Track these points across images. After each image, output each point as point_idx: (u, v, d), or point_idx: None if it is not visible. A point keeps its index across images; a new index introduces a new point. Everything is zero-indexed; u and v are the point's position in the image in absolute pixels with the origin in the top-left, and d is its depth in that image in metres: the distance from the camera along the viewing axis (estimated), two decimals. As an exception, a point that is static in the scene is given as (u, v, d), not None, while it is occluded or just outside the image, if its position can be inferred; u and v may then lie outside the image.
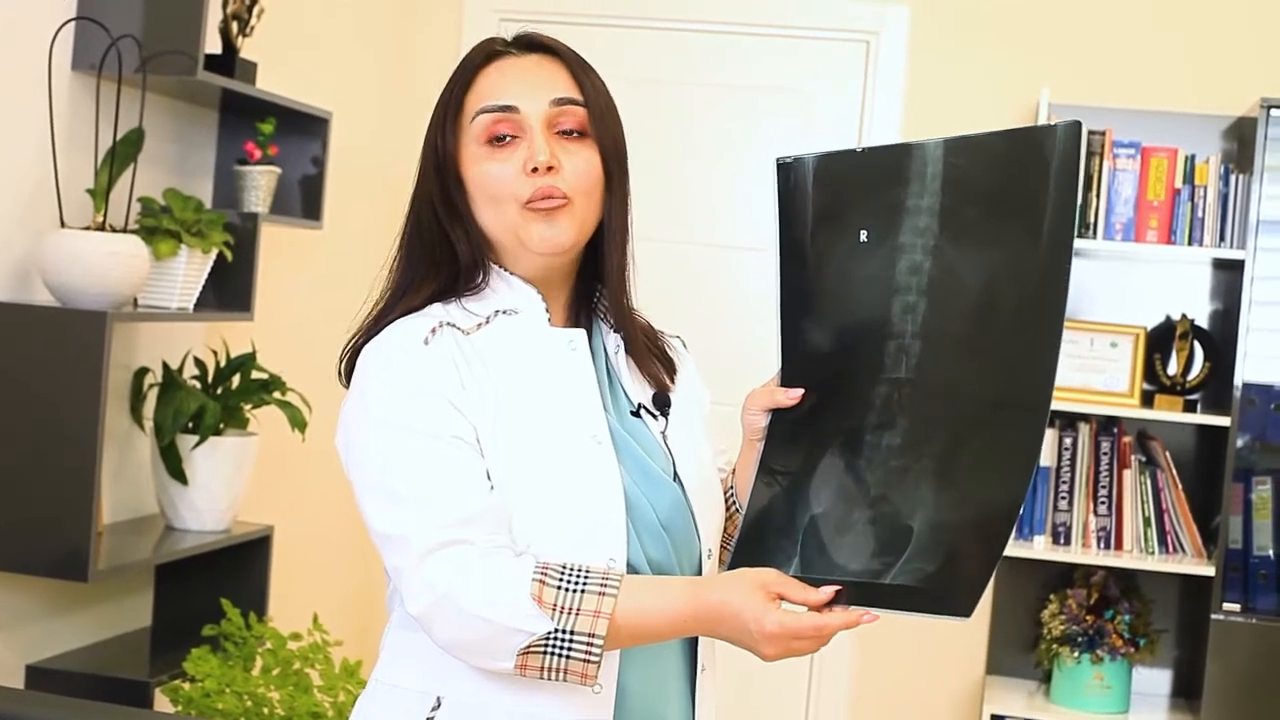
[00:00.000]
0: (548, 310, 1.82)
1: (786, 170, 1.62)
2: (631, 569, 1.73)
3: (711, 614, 1.63)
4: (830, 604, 1.65)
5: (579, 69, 1.83)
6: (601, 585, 1.62)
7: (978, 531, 1.64)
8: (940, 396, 1.63)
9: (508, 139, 1.78)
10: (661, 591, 1.65)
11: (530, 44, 1.86)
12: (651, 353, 1.89)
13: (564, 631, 1.60)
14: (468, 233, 1.81)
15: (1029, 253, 1.60)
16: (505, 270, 1.82)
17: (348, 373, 1.82)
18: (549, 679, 1.63)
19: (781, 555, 1.69)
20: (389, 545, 1.69)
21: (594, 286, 1.88)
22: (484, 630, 1.62)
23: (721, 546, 1.90)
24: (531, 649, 1.61)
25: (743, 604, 1.61)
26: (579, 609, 1.60)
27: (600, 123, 1.81)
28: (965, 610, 1.66)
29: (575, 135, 1.80)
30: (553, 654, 1.61)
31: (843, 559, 1.66)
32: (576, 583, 1.62)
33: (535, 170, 1.76)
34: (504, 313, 1.81)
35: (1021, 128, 1.64)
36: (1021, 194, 1.60)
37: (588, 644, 1.60)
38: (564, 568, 1.64)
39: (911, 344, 1.62)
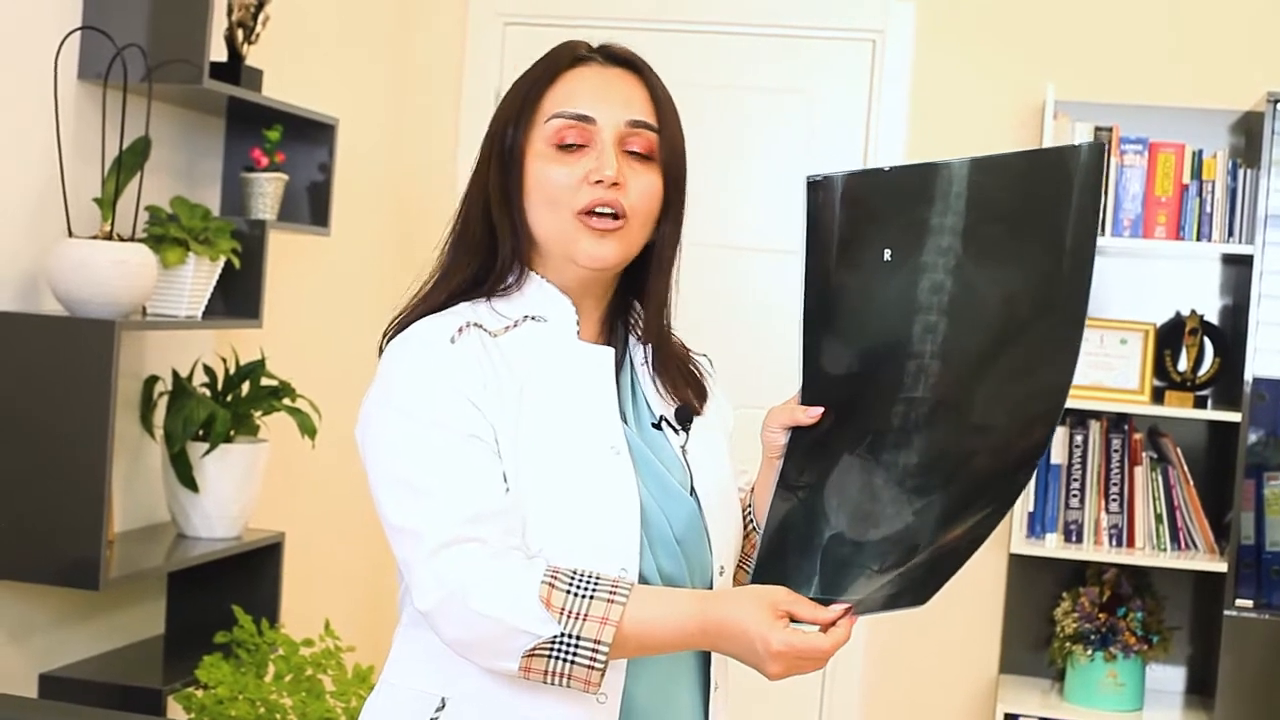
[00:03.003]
0: (578, 322, 1.82)
1: (816, 188, 1.62)
2: (643, 580, 1.73)
3: (719, 629, 1.63)
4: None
5: (660, 94, 1.84)
6: (611, 593, 1.62)
7: (968, 543, 1.67)
8: (955, 417, 1.63)
9: (575, 147, 1.78)
10: (671, 603, 1.65)
11: (618, 57, 1.86)
12: (683, 377, 1.89)
13: (570, 636, 1.60)
14: (514, 229, 1.81)
15: (1049, 274, 1.61)
16: (542, 276, 1.82)
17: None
18: (552, 683, 1.62)
19: (801, 575, 1.68)
20: (401, 538, 1.69)
21: (630, 301, 1.88)
22: (490, 630, 1.62)
23: (738, 566, 1.90)
24: (537, 652, 1.61)
25: (750, 621, 1.61)
26: (587, 614, 1.60)
27: (670, 151, 1.82)
28: (924, 601, 1.72)
29: (643, 158, 1.80)
30: (557, 658, 1.60)
31: (861, 579, 1.66)
32: (586, 588, 1.62)
33: (599, 182, 1.76)
34: (533, 319, 1.81)
35: (1046, 148, 1.65)
36: (1043, 214, 1.60)
37: (593, 650, 1.60)
38: (574, 573, 1.63)
39: (930, 364, 1.61)
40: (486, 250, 1.82)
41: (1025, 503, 4.24)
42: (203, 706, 3.09)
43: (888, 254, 1.60)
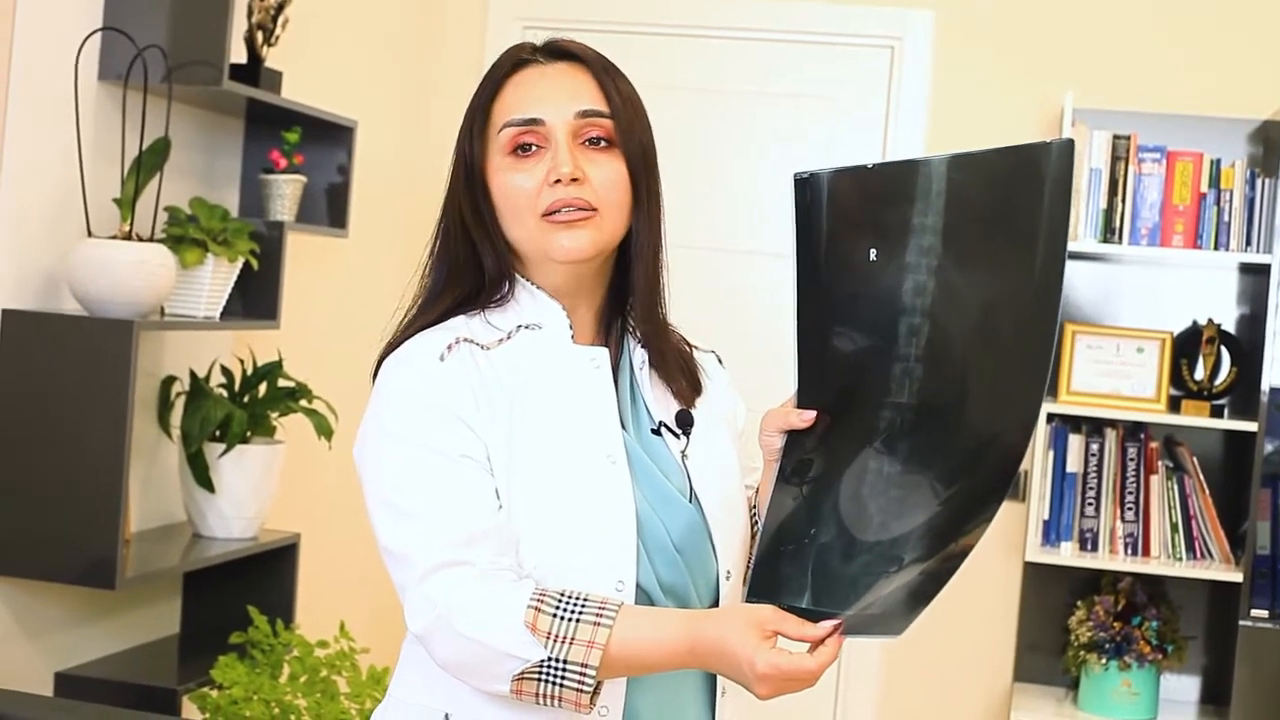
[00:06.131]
0: (571, 326, 1.80)
1: (803, 186, 1.59)
2: (642, 590, 1.72)
3: (708, 650, 1.61)
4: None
5: (605, 77, 1.79)
6: (597, 615, 1.61)
7: (945, 563, 1.63)
8: (937, 424, 1.60)
9: (533, 149, 1.76)
10: (659, 624, 1.63)
11: (557, 51, 1.82)
12: (679, 369, 1.87)
13: (557, 660, 1.59)
14: (494, 245, 1.80)
15: (1024, 275, 1.56)
16: (531, 283, 1.81)
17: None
18: (544, 704, 1.62)
19: (794, 585, 1.65)
20: (393, 561, 1.70)
21: (626, 298, 1.86)
22: (479, 653, 1.62)
23: (747, 567, 1.88)
24: (526, 675, 1.60)
25: (737, 642, 1.59)
26: (573, 638, 1.59)
27: (627, 132, 1.78)
28: (901, 630, 1.67)
29: (602, 145, 1.77)
30: (546, 681, 1.60)
31: (850, 590, 1.63)
32: (572, 611, 1.61)
33: (558, 181, 1.73)
34: (527, 327, 1.79)
35: (1018, 145, 1.58)
36: (1017, 212, 1.56)
37: (580, 673, 1.59)
38: (562, 595, 1.62)
39: (915, 367, 1.58)
40: (474, 267, 1.81)
41: (1041, 511, 4.23)
42: (217, 707, 3.10)
43: (873, 253, 1.58)
